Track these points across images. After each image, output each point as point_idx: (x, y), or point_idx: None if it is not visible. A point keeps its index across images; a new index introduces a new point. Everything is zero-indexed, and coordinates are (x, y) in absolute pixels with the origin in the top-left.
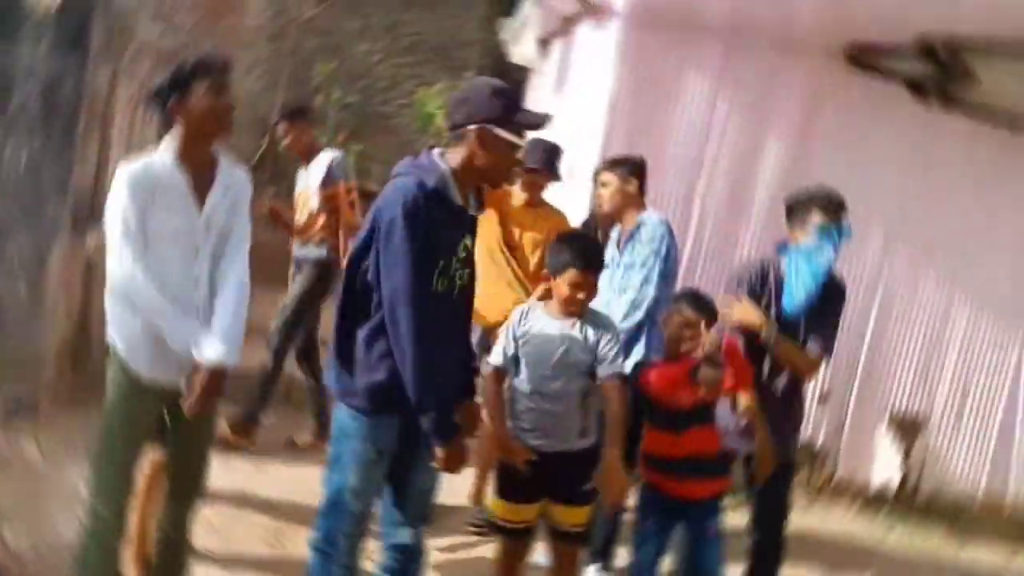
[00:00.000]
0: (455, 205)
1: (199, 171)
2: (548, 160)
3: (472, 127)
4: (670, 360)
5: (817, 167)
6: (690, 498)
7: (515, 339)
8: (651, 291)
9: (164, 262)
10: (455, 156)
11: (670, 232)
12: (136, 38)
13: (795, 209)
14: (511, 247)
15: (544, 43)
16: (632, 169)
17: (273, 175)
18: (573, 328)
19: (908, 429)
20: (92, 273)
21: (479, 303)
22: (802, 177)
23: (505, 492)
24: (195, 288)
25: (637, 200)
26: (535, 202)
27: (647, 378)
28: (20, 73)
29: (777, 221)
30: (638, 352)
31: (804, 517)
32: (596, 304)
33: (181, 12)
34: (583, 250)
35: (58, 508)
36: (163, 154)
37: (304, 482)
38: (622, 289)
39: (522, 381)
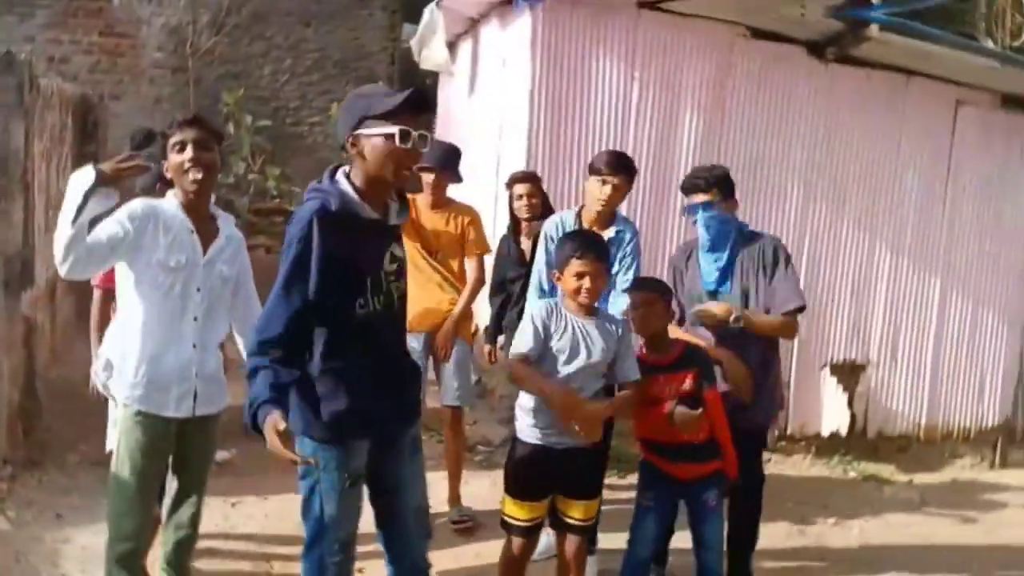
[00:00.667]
0: (367, 219)
1: (201, 221)
2: (443, 159)
3: (348, 139)
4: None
5: (732, 134)
6: (685, 478)
7: (545, 332)
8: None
9: (159, 288)
10: (354, 171)
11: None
12: (41, 90)
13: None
14: (430, 251)
15: (451, 46)
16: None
17: None
18: (593, 330)
19: (849, 375)
20: (32, 335)
21: (414, 310)
22: (719, 145)
23: (516, 491)
24: (185, 319)
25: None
26: (441, 203)
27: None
28: None
29: None
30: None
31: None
32: None
33: (78, 57)
34: (582, 240)
35: (37, 569)
36: (169, 201)
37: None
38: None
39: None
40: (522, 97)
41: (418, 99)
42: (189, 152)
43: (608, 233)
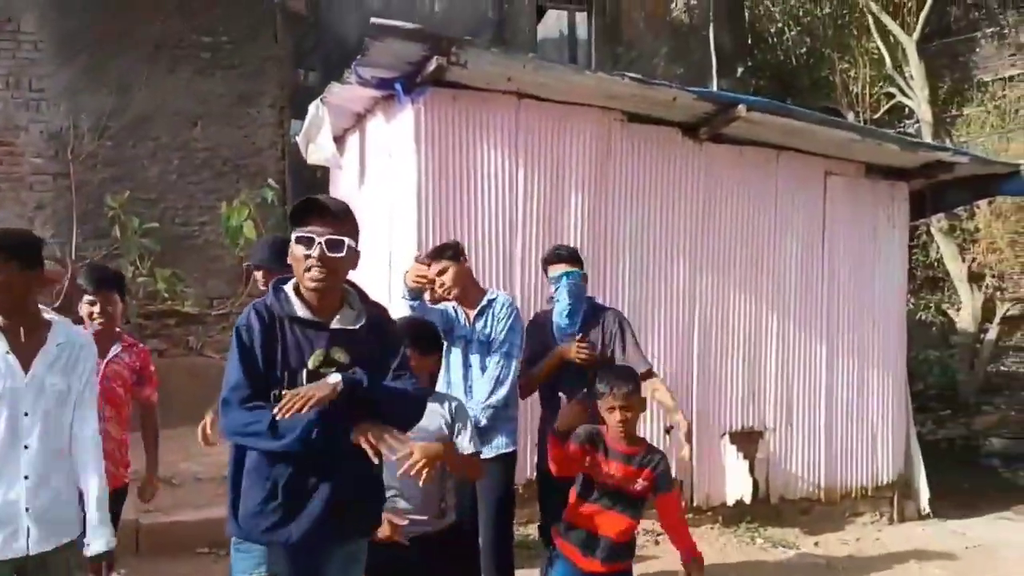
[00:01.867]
0: (297, 317)
1: (21, 336)
2: (271, 255)
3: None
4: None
5: (616, 212)
6: (591, 572)
7: None
8: (514, 366)
9: None
10: None
11: (516, 310)
12: None
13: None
14: None
15: (339, 140)
16: (459, 250)
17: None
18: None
19: (748, 442)
20: None
21: None
22: (603, 223)
23: None
24: (13, 449)
25: (472, 280)
26: None
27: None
28: None
29: (588, 260)
30: (508, 432)
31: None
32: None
33: None
34: (413, 332)
35: None
36: None
37: None
38: (482, 367)
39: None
40: (409, 187)
41: (304, 206)
42: None
43: (477, 304)
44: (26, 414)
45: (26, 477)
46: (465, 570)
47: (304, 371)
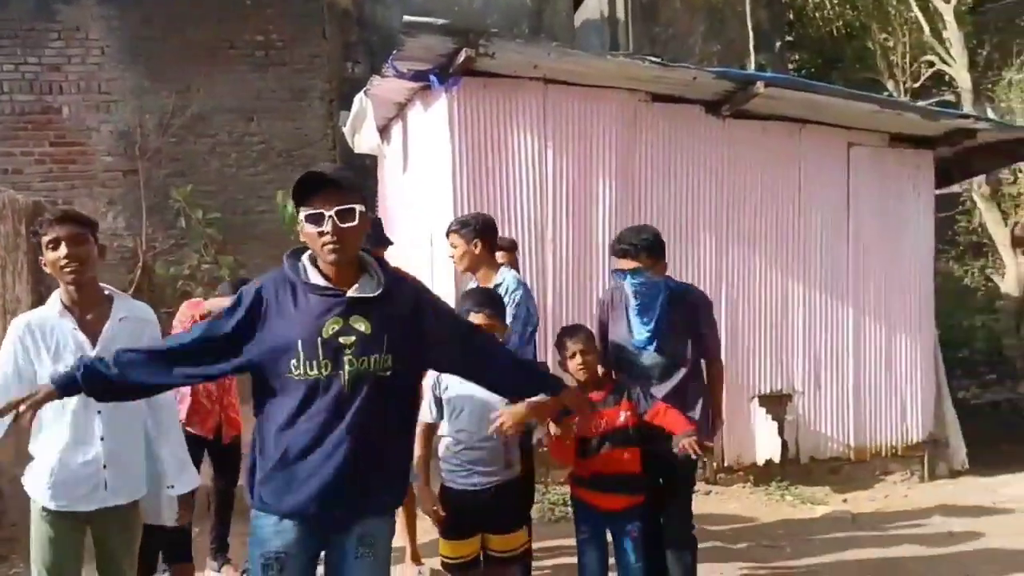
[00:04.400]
0: (312, 285)
1: (87, 312)
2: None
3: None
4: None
5: (644, 190)
6: (611, 508)
7: (437, 399)
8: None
9: (62, 410)
10: None
11: (527, 293)
12: None
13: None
14: None
15: (384, 129)
16: (476, 229)
17: (151, 303)
18: None
19: (777, 405)
20: None
21: None
22: (630, 201)
23: (447, 532)
24: (89, 416)
25: (487, 259)
26: None
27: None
28: None
29: None
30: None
31: (706, 502)
32: None
33: (30, 167)
34: (476, 296)
35: None
36: (50, 305)
37: None
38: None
39: (452, 430)
40: (445, 170)
41: (309, 180)
42: (63, 249)
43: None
44: None
45: (102, 439)
46: (525, 508)
47: (319, 339)
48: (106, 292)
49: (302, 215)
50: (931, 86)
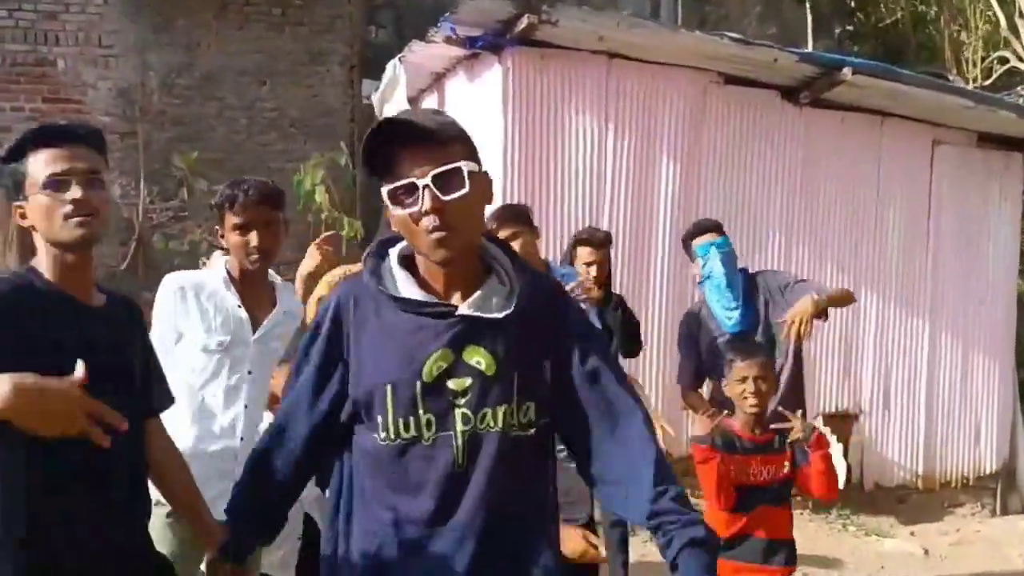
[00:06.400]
0: (411, 300)
1: (256, 294)
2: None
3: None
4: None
5: (709, 179)
6: None
7: None
8: None
9: (197, 371)
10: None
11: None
12: None
13: (684, 246)
14: None
15: (413, 101)
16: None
17: (145, 281)
18: None
19: (842, 425)
20: None
21: None
22: (695, 190)
23: None
24: (239, 408)
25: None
26: None
27: None
28: None
29: (679, 233)
30: None
31: None
32: None
33: (20, 124)
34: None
35: None
36: (213, 273)
37: None
38: None
39: None
40: (495, 150)
41: (383, 137)
42: (253, 238)
43: None
44: (249, 372)
45: (242, 439)
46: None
47: (418, 383)
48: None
49: (384, 191)
50: (1001, 84)
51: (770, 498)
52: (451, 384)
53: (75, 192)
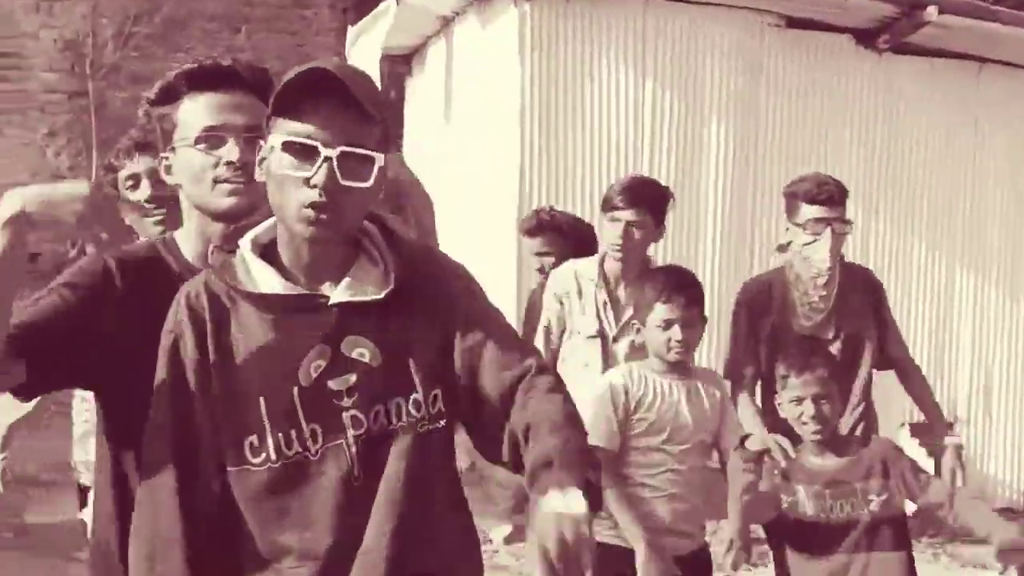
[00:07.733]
0: (275, 296)
1: None
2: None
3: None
4: None
5: (768, 142)
6: None
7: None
8: None
9: None
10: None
11: None
12: None
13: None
14: None
15: (417, 51)
16: None
17: None
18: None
19: (933, 437)
20: None
21: None
22: (751, 153)
23: None
24: None
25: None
26: None
27: None
28: None
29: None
30: None
31: None
32: None
33: None
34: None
35: None
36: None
37: None
38: None
39: None
40: (511, 108)
41: (301, 84)
42: None
43: None
44: None
45: None
46: None
47: (295, 388)
48: None
49: (274, 139)
50: None
51: (871, 540)
52: (332, 384)
53: (231, 152)
